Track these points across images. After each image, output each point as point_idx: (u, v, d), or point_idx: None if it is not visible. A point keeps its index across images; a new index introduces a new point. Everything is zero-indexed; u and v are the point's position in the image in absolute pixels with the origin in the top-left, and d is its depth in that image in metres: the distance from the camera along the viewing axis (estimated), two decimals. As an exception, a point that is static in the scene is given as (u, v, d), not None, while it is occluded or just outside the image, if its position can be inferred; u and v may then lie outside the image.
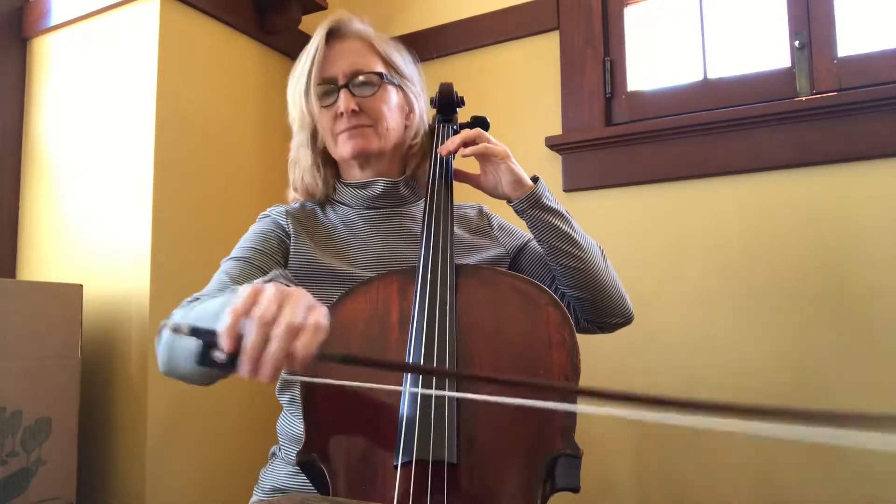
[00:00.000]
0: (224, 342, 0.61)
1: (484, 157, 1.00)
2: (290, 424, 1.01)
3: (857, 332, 1.31)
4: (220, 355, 0.62)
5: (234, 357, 0.62)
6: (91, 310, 1.45)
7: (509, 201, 1.01)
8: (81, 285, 1.39)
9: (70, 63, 1.62)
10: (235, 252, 1.01)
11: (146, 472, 1.38)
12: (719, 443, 1.40)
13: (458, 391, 0.76)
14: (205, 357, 0.63)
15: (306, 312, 0.63)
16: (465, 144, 1.01)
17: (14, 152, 1.67)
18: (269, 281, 0.72)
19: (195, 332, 0.63)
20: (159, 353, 0.89)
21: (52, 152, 1.63)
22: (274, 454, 1.05)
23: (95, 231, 1.52)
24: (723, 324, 1.43)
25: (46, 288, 1.36)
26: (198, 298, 0.91)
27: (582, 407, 0.61)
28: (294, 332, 0.61)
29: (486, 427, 0.76)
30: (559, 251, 0.99)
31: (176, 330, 0.62)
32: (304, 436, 0.78)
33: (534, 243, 1.10)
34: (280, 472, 0.98)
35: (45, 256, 1.60)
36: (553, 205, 1.00)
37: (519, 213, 1.01)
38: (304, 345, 0.61)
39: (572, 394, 0.64)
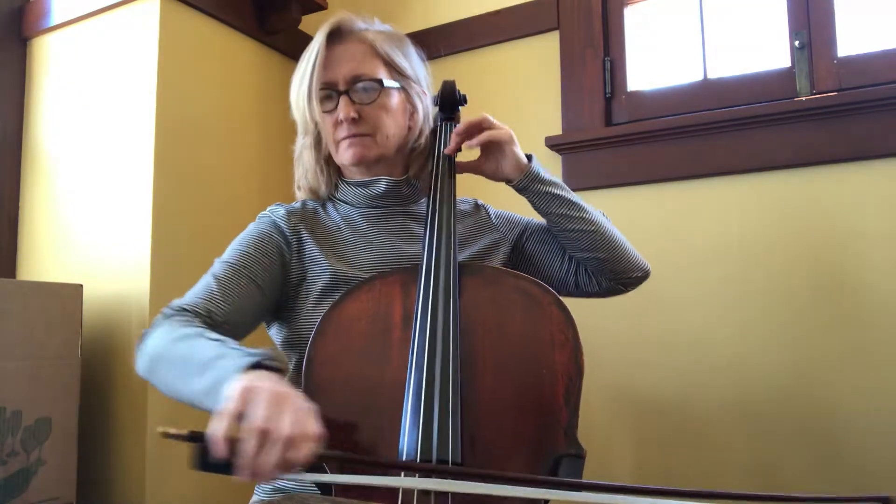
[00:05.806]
0: (218, 450, 0.60)
1: (491, 144, 1.02)
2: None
3: (856, 332, 1.31)
4: (215, 460, 0.61)
5: (230, 460, 0.60)
6: (91, 310, 1.45)
7: (509, 182, 1.04)
8: (81, 285, 1.39)
9: (70, 63, 1.62)
10: (228, 253, 0.98)
11: (146, 472, 1.38)
12: (719, 443, 1.40)
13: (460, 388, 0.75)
14: (204, 462, 0.61)
15: (304, 420, 0.63)
16: (470, 133, 1.02)
17: (14, 152, 1.67)
18: (260, 364, 0.70)
19: (193, 437, 0.61)
20: (141, 359, 0.87)
21: (52, 152, 1.63)
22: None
23: (95, 231, 1.52)
24: (722, 324, 1.43)
25: (46, 288, 1.35)
26: (184, 309, 0.88)
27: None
28: (292, 443, 0.60)
29: (490, 427, 0.76)
30: (565, 217, 1.02)
31: (172, 436, 0.60)
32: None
33: (535, 222, 1.13)
34: (282, 471, 0.97)
35: (45, 256, 1.60)
36: (550, 177, 1.04)
37: (520, 190, 1.04)
38: (304, 455, 0.61)
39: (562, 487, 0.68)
